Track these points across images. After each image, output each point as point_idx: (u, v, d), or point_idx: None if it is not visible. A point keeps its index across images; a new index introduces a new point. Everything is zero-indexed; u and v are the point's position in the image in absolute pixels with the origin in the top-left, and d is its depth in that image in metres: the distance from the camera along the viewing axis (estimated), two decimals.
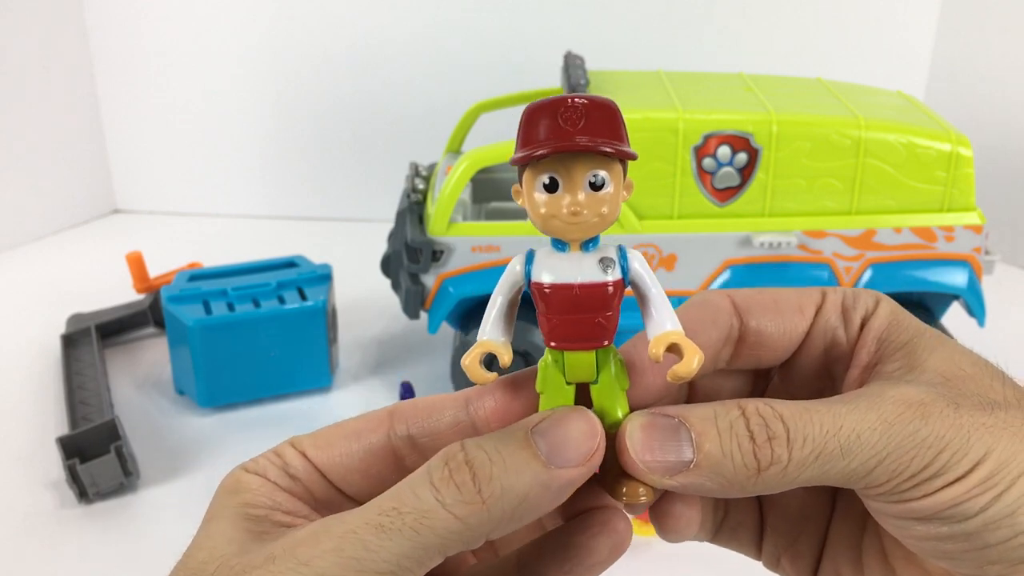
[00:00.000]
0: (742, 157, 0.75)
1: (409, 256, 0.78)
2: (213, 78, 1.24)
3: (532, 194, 0.26)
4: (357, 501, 0.30)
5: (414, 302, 0.79)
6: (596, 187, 0.26)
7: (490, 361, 0.28)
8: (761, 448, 0.25)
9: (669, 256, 0.77)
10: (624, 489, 0.27)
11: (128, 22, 1.23)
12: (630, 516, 0.30)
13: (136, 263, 0.92)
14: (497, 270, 0.78)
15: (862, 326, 0.30)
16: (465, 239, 0.77)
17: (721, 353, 0.30)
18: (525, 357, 0.78)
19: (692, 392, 0.32)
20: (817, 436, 0.25)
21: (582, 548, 0.28)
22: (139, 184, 1.31)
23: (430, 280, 0.79)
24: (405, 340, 0.95)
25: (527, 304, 0.29)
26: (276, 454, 0.29)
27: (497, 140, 0.78)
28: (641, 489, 0.27)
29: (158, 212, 1.31)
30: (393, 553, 0.24)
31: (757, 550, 0.33)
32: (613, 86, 0.81)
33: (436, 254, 0.78)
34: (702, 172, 0.76)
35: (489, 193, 0.91)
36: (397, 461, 0.30)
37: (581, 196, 0.26)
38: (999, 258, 0.81)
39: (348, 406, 0.83)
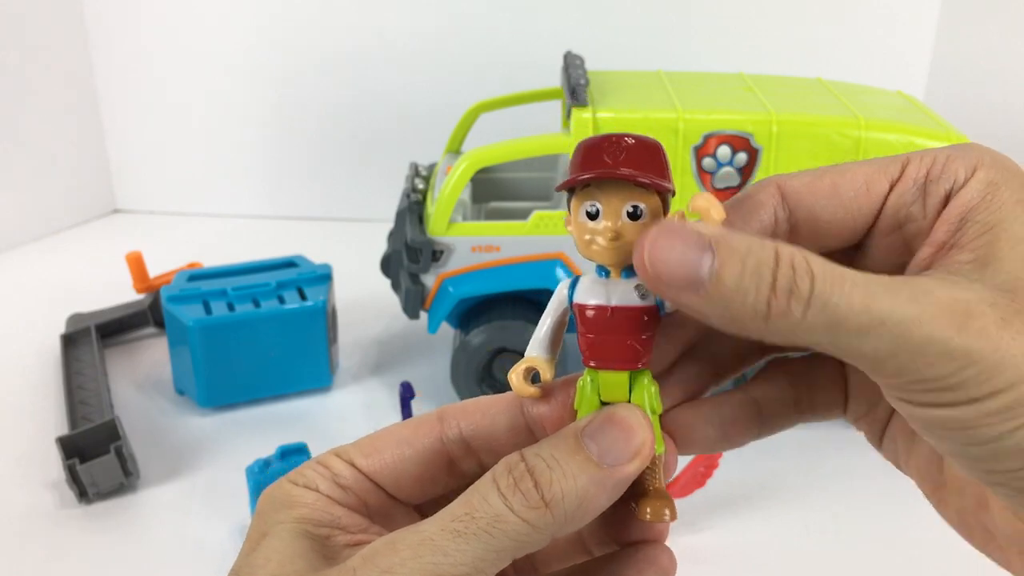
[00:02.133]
0: (742, 157, 0.75)
1: (409, 256, 0.78)
2: (213, 78, 1.24)
3: (577, 221, 0.28)
4: (410, 506, 0.31)
5: (414, 302, 0.79)
6: (634, 217, 0.28)
7: (533, 376, 0.30)
8: (778, 298, 0.24)
9: None
10: (648, 508, 0.28)
11: (128, 22, 1.23)
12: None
13: (136, 263, 0.92)
14: (497, 270, 0.78)
15: (947, 199, 0.27)
16: (465, 239, 0.77)
17: None
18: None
19: None
20: (840, 307, 0.24)
21: None
22: (139, 184, 1.31)
23: (430, 280, 0.79)
24: (405, 340, 0.95)
25: (517, 302, 0.30)
26: (321, 464, 0.30)
27: (497, 140, 0.78)
28: (666, 510, 0.28)
29: (158, 212, 1.31)
30: (469, 556, 0.25)
31: (842, 414, 0.32)
32: (613, 86, 0.81)
33: (436, 254, 0.78)
34: (702, 172, 0.76)
35: (489, 193, 0.91)
36: (450, 464, 0.31)
37: (619, 224, 0.28)
38: None
39: (348, 406, 0.83)
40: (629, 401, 0.29)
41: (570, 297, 0.29)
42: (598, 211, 0.28)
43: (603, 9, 1.17)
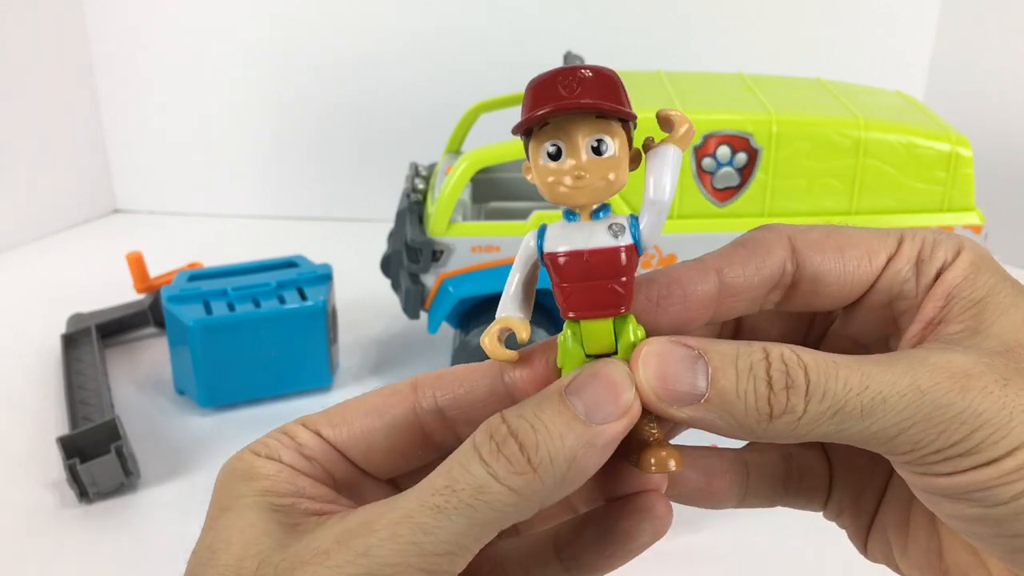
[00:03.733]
0: (742, 157, 0.75)
1: (409, 256, 0.78)
2: (213, 78, 1.24)
3: (538, 164, 0.26)
4: (379, 479, 0.30)
5: (414, 302, 0.79)
6: (598, 152, 0.26)
7: (509, 339, 0.28)
8: (777, 395, 0.24)
9: (669, 256, 0.77)
10: (652, 459, 0.26)
11: (128, 22, 1.23)
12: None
13: (136, 263, 0.92)
14: (497, 270, 0.78)
15: (937, 277, 0.28)
16: (465, 239, 0.77)
17: (769, 296, 0.29)
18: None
19: (738, 328, 0.31)
20: (839, 392, 0.24)
21: (625, 533, 0.28)
22: (139, 184, 1.31)
23: (430, 280, 0.79)
24: (405, 340, 0.95)
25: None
26: (285, 434, 0.29)
27: (497, 140, 0.78)
28: (671, 459, 0.26)
29: (158, 212, 1.31)
30: (452, 532, 0.24)
31: (823, 507, 0.32)
32: None
33: (436, 254, 0.78)
34: (702, 172, 0.76)
35: (489, 193, 0.91)
36: (424, 436, 0.29)
37: (584, 159, 0.26)
38: (999, 258, 0.81)
39: None
40: (616, 350, 0.27)
41: (540, 247, 0.27)
42: (559, 150, 0.26)
43: (603, 9, 1.17)
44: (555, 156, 0.26)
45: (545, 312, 0.74)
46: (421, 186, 0.85)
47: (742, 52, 1.17)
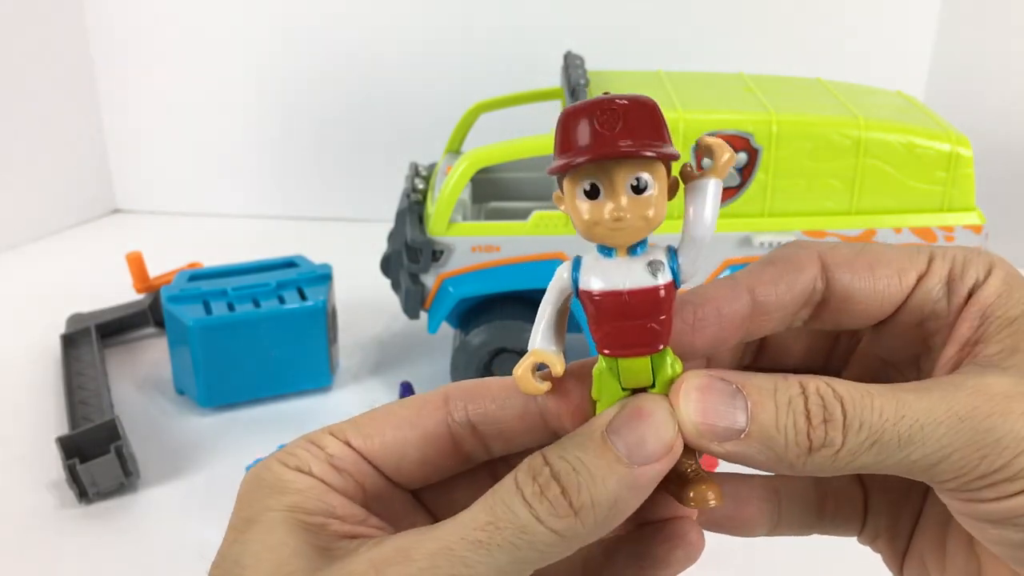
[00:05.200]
0: (742, 157, 0.75)
1: (409, 256, 0.78)
2: (213, 78, 1.24)
3: (574, 202, 0.25)
4: (408, 492, 0.29)
5: (414, 302, 0.79)
6: (638, 190, 0.25)
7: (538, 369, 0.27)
8: (816, 429, 0.24)
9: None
10: (692, 493, 0.26)
11: (128, 22, 1.23)
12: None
13: (136, 263, 0.92)
14: (497, 270, 0.78)
15: (968, 296, 0.27)
16: (465, 239, 0.77)
17: (799, 314, 0.28)
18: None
19: (763, 346, 0.31)
20: (875, 423, 0.24)
21: (657, 559, 0.28)
22: (139, 184, 1.31)
23: (430, 280, 0.79)
24: (405, 340, 0.95)
25: (517, 302, 0.29)
26: (314, 444, 0.28)
27: (497, 140, 0.78)
28: (710, 493, 0.26)
29: (158, 212, 1.31)
30: (492, 568, 0.24)
31: (858, 533, 0.32)
32: (613, 86, 0.81)
33: (436, 254, 0.78)
34: (702, 172, 0.76)
35: (489, 193, 0.91)
36: (455, 447, 0.29)
37: (624, 201, 0.25)
38: None
39: (348, 406, 0.83)
40: (653, 384, 0.26)
41: (575, 280, 0.26)
42: (597, 189, 0.25)
43: (603, 9, 1.17)
44: (592, 195, 0.25)
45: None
46: (421, 186, 0.85)
47: (742, 52, 1.17)
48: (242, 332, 0.80)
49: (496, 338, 0.79)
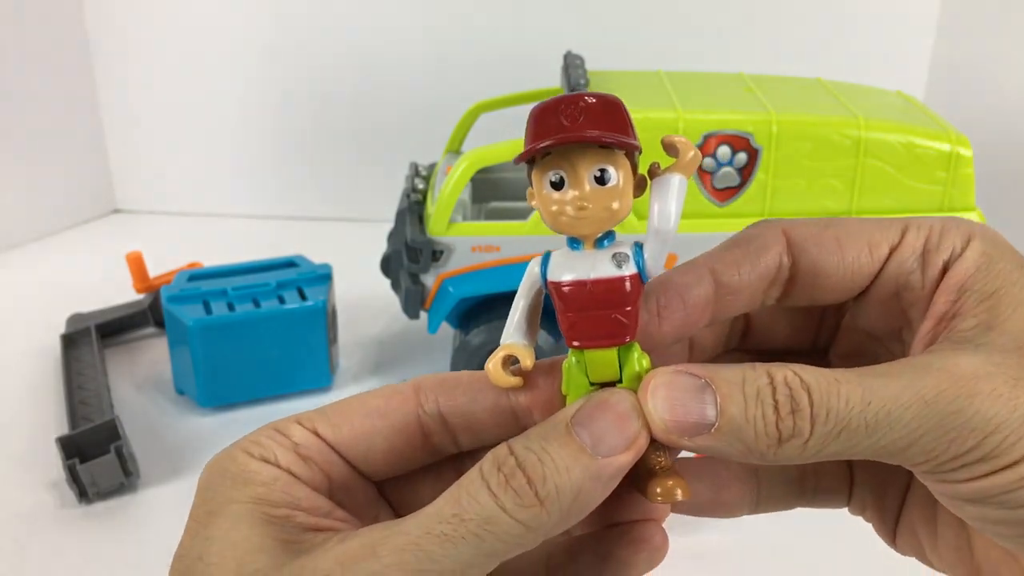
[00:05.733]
0: (742, 157, 0.75)
1: (409, 256, 0.78)
2: (213, 78, 1.24)
3: (541, 193, 0.26)
4: (372, 483, 0.29)
5: (414, 302, 0.79)
6: (602, 181, 0.26)
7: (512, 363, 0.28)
8: (784, 420, 0.24)
9: (669, 256, 0.77)
10: (659, 489, 0.26)
11: (128, 22, 1.23)
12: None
13: (136, 263, 0.92)
14: (497, 270, 0.78)
15: (945, 268, 0.27)
16: (465, 239, 0.77)
17: (769, 292, 0.28)
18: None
19: (748, 329, 0.31)
20: (842, 411, 0.24)
21: (621, 561, 0.28)
22: (139, 184, 1.31)
23: (430, 280, 0.79)
24: (405, 340, 0.95)
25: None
26: (279, 432, 0.28)
27: (497, 140, 0.78)
28: (678, 488, 0.26)
29: (158, 212, 1.31)
30: (458, 562, 0.24)
31: (845, 505, 0.32)
32: (613, 86, 0.81)
33: (436, 254, 0.78)
34: (702, 172, 0.76)
35: (489, 193, 0.91)
36: (424, 439, 0.29)
37: (587, 190, 0.26)
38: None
39: None
40: (620, 378, 0.27)
41: (543, 275, 0.27)
42: (562, 179, 0.26)
43: (603, 9, 1.17)
44: (558, 186, 0.26)
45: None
46: (421, 186, 0.85)
47: (742, 52, 1.17)
48: (242, 332, 0.80)
49: (496, 338, 0.78)
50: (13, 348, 0.93)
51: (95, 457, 0.70)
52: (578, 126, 0.25)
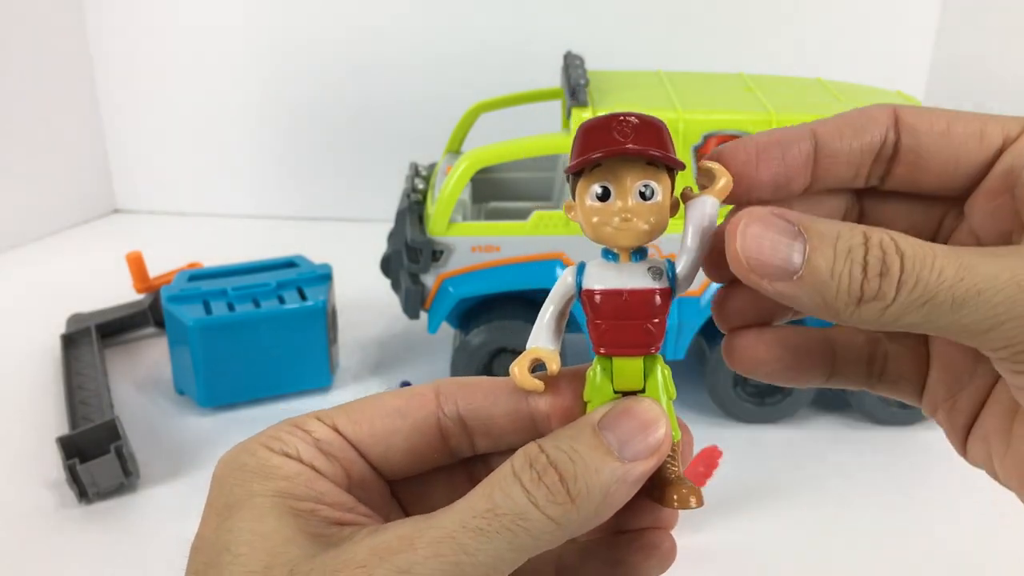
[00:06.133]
0: None
1: (409, 256, 0.78)
2: (213, 78, 1.24)
3: (585, 203, 0.27)
4: (387, 479, 0.30)
5: (414, 302, 0.79)
6: (645, 196, 0.27)
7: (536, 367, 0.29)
8: (870, 280, 0.24)
9: (670, 255, 0.77)
10: (675, 496, 0.27)
11: (128, 23, 1.23)
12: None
13: (136, 263, 0.92)
14: (497, 270, 0.78)
15: None
16: (465, 239, 0.77)
17: (872, 169, 0.28)
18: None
19: (862, 218, 0.30)
20: (931, 282, 0.23)
21: (630, 567, 0.29)
22: (139, 184, 1.31)
23: (430, 280, 0.79)
24: (405, 340, 0.95)
25: (517, 302, 0.29)
26: (299, 428, 0.28)
27: (497, 140, 0.78)
28: (692, 497, 0.27)
29: (158, 212, 1.31)
30: (491, 555, 0.24)
31: (917, 399, 0.31)
32: (613, 86, 0.81)
33: (436, 254, 0.78)
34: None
35: (489, 193, 0.91)
36: (442, 440, 0.29)
37: (631, 203, 0.27)
38: None
39: None
40: (643, 388, 0.28)
41: (578, 283, 0.28)
42: (608, 191, 0.27)
43: (603, 9, 1.17)
44: (603, 197, 0.27)
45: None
46: (421, 186, 0.85)
47: (742, 52, 1.17)
48: (242, 332, 0.80)
49: (496, 338, 0.79)
50: (13, 348, 0.93)
51: (95, 457, 0.70)
52: (630, 141, 0.26)
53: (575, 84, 0.77)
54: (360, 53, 1.20)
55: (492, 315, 0.79)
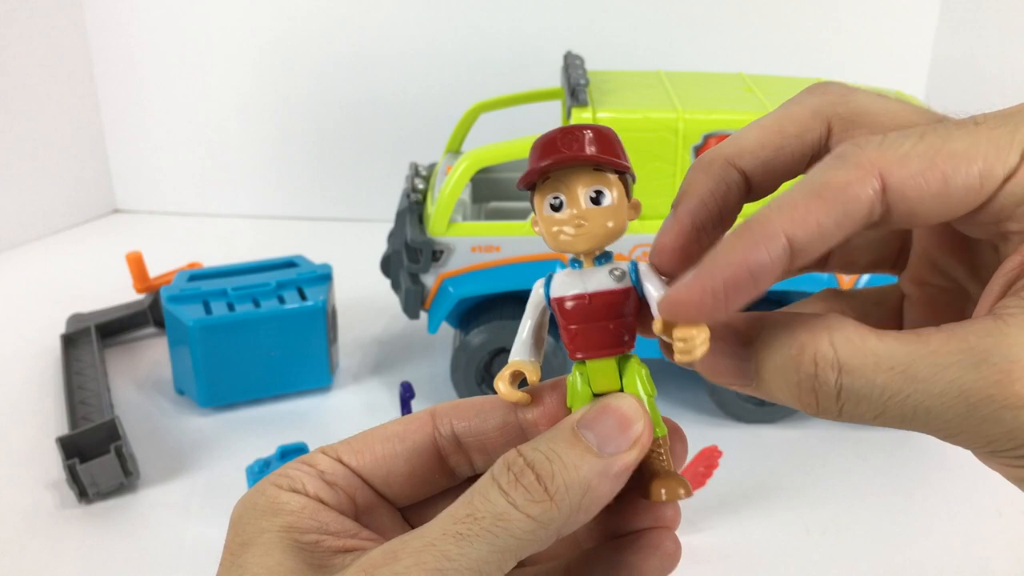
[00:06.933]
0: None
1: (409, 256, 0.78)
2: (213, 78, 1.24)
3: (543, 215, 0.28)
4: (395, 508, 0.31)
5: (414, 302, 0.79)
6: (597, 202, 0.28)
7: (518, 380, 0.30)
8: (806, 395, 0.24)
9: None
10: (662, 489, 0.28)
11: (128, 22, 1.23)
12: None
13: (136, 263, 0.92)
14: (497, 270, 0.78)
15: None
16: (465, 239, 0.77)
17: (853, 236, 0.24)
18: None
19: (829, 252, 0.29)
20: (875, 399, 0.23)
21: (636, 569, 0.29)
22: (139, 184, 1.31)
23: (430, 280, 0.79)
24: (405, 340, 0.95)
25: (517, 302, 0.29)
26: (305, 463, 0.29)
27: (497, 140, 0.78)
28: (680, 489, 0.28)
29: (158, 212, 1.31)
30: (473, 560, 0.24)
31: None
32: (613, 86, 0.82)
33: (436, 254, 0.78)
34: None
35: (489, 193, 0.91)
36: (441, 462, 0.30)
37: (583, 208, 0.28)
38: None
39: (348, 406, 0.83)
40: (621, 388, 0.28)
41: (547, 294, 0.29)
42: (561, 202, 0.28)
43: (603, 9, 1.17)
44: (557, 208, 0.28)
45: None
46: (421, 186, 0.85)
47: (742, 52, 1.17)
48: (242, 332, 0.80)
49: (496, 338, 0.79)
50: (13, 348, 0.93)
51: (95, 457, 0.70)
52: (573, 150, 0.27)
53: (575, 84, 0.77)
54: (360, 53, 1.20)
55: (492, 315, 0.79)
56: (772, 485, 0.73)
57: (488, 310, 0.79)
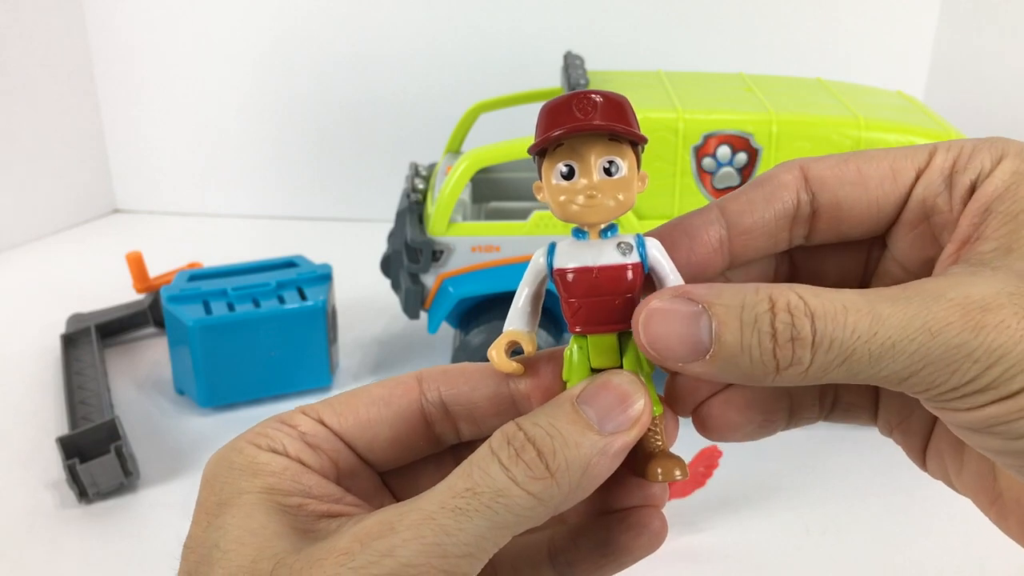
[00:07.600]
0: (742, 157, 0.75)
1: (409, 256, 0.78)
2: (213, 78, 1.24)
3: (551, 183, 0.27)
4: (376, 469, 0.30)
5: (414, 302, 0.79)
6: (610, 173, 0.27)
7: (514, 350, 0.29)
8: (782, 348, 0.23)
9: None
10: (659, 469, 0.27)
11: (128, 22, 1.23)
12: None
13: (136, 263, 0.92)
14: (497, 270, 0.78)
15: (973, 190, 0.26)
16: (465, 239, 0.77)
17: (793, 231, 0.28)
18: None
19: (793, 271, 0.31)
20: (846, 340, 0.23)
21: (621, 546, 0.29)
22: (139, 184, 1.31)
23: (430, 280, 0.79)
24: (405, 340, 0.95)
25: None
26: (285, 423, 0.28)
27: (497, 140, 0.78)
28: (676, 469, 0.27)
29: (158, 212, 1.31)
30: (472, 535, 0.24)
31: (873, 424, 0.32)
32: (613, 86, 0.82)
33: (436, 254, 0.78)
34: (702, 172, 0.76)
35: (489, 193, 0.91)
36: (426, 427, 0.29)
37: (596, 179, 0.27)
38: None
39: None
40: (620, 364, 0.28)
41: (549, 264, 0.28)
42: (572, 170, 0.27)
43: (603, 9, 1.17)
44: (568, 176, 0.27)
45: (551, 317, 0.74)
46: (421, 186, 0.85)
47: (742, 52, 1.17)
48: (242, 332, 0.80)
49: (496, 338, 0.79)
50: (13, 348, 0.93)
51: (95, 457, 0.70)
52: (590, 118, 0.26)
53: (575, 84, 0.77)
54: (360, 53, 1.20)
55: (492, 315, 0.79)
56: (772, 485, 0.73)
57: (488, 310, 0.79)
